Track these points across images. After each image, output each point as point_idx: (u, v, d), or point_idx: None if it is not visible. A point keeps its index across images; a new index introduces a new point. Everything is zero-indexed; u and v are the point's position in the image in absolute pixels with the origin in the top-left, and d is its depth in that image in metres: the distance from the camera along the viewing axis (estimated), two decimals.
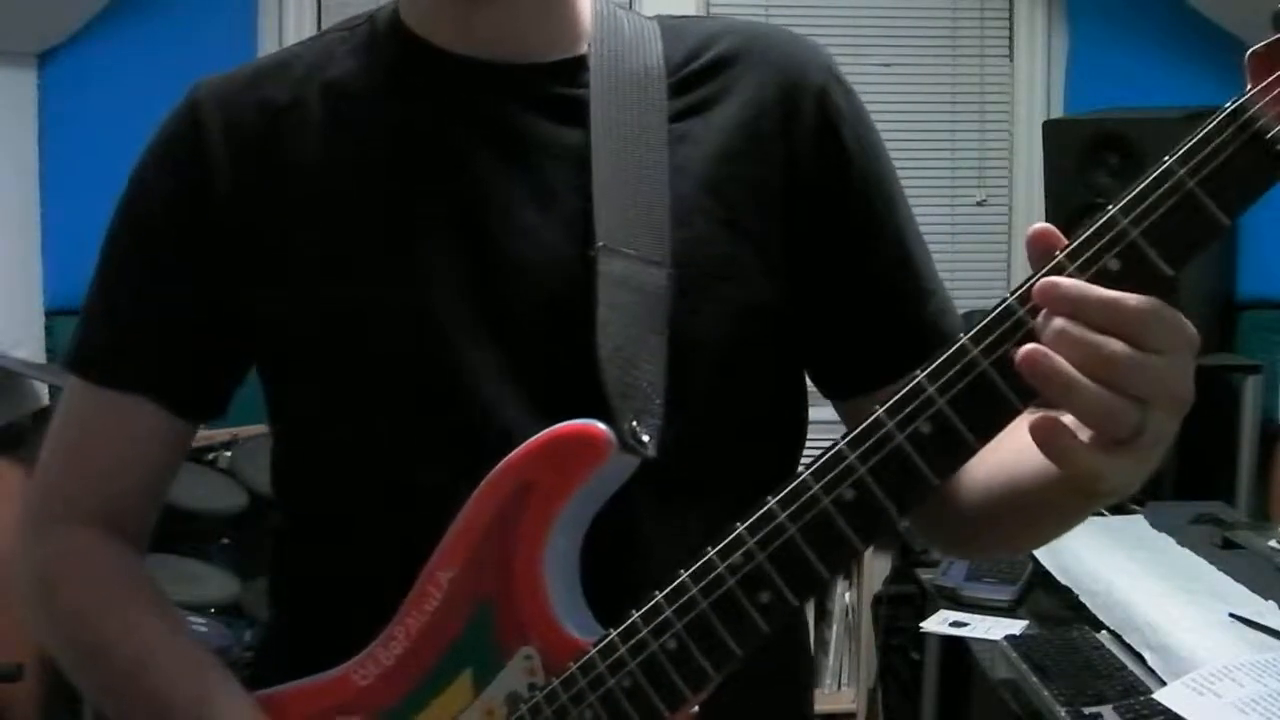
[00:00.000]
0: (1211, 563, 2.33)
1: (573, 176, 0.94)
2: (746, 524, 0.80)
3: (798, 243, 0.97)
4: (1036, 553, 2.47)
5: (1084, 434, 0.72)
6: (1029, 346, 0.71)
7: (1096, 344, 0.70)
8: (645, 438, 0.87)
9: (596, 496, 0.88)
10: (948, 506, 0.95)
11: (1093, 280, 0.71)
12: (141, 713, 0.95)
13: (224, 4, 3.41)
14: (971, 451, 0.75)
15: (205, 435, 3.10)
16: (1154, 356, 0.71)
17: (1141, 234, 0.71)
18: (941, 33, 3.59)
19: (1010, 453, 0.83)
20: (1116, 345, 0.70)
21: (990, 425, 0.75)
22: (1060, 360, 0.70)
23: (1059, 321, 0.71)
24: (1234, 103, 0.69)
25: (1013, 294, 0.74)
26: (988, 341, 0.74)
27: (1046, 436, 0.72)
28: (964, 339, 0.75)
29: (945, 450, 0.75)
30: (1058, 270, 0.72)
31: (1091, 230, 0.72)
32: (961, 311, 1.02)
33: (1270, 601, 2.10)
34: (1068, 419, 0.73)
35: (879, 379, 0.93)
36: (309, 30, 3.45)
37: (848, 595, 3.49)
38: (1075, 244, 0.72)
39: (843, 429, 0.80)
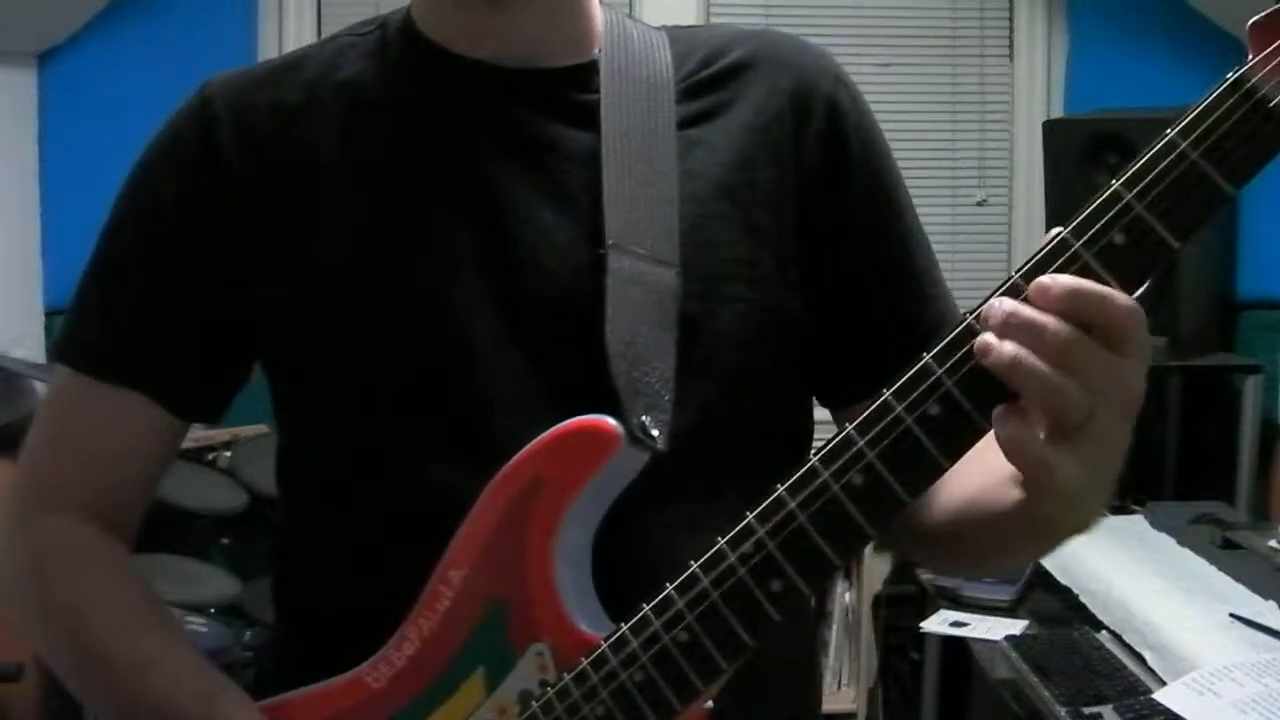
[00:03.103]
0: (1211, 563, 2.33)
1: (585, 178, 0.95)
2: (756, 513, 0.80)
3: (809, 246, 0.98)
4: None
5: (1037, 426, 0.74)
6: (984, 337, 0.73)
7: (1055, 329, 0.71)
8: (655, 432, 0.88)
9: (607, 492, 0.88)
10: (914, 525, 0.95)
11: (1099, 255, 0.72)
12: (142, 713, 0.94)
13: (224, 4, 3.42)
14: (981, 431, 0.75)
15: (205, 435, 3.10)
16: (1109, 353, 0.72)
17: (1146, 207, 0.71)
18: (941, 33, 3.59)
19: (972, 474, 0.84)
20: (1071, 332, 0.71)
21: (996, 404, 0.75)
22: (1008, 344, 0.72)
23: (1025, 311, 0.72)
24: (1235, 73, 0.70)
25: (1018, 271, 0.74)
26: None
27: (1002, 425, 0.73)
28: (969, 318, 0.75)
29: (954, 432, 0.76)
30: (1062, 247, 0.72)
31: (1095, 205, 0.72)
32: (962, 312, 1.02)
33: (1270, 601, 2.10)
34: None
35: (873, 387, 0.94)
36: (309, 31, 3.45)
37: (848, 595, 3.49)
38: (1079, 219, 0.72)
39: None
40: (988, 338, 0.72)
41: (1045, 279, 0.72)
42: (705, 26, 1.11)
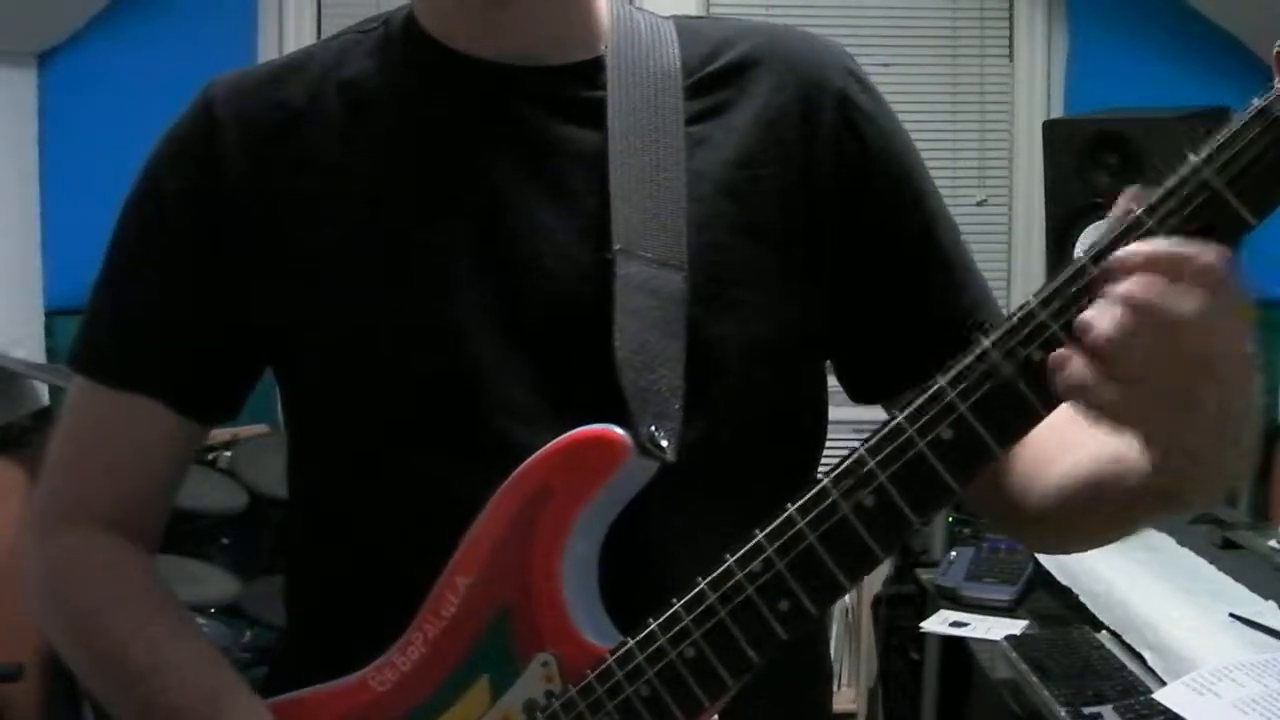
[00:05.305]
0: (1211, 563, 2.33)
1: (591, 178, 0.93)
2: (765, 531, 0.80)
3: (824, 245, 0.96)
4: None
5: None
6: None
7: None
8: (664, 442, 0.87)
9: (615, 501, 0.88)
10: (1021, 510, 0.93)
11: None
12: (154, 714, 0.94)
13: (224, 4, 3.41)
14: (994, 458, 0.75)
15: None
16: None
17: (1168, 234, 0.70)
18: (941, 33, 3.59)
19: (1080, 455, 0.83)
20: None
21: (1013, 431, 0.75)
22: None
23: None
24: (1263, 100, 0.69)
25: (1035, 298, 0.74)
26: (1010, 346, 0.74)
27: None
28: (986, 343, 0.74)
29: (967, 457, 0.75)
30: (1082, 273, 0.72)
31: (1119, 231, 0.72)
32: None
33: (1270, 601, 2.10)
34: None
35: (917, 378, 0.88)
36: (309, 31, 3.45)
37: (848, 595, 3.49)
38: (1103, 244, 0.72)
39: (861, 432, 0.79)
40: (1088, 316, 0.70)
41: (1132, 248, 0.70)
42: (713, 18, 1.08)
